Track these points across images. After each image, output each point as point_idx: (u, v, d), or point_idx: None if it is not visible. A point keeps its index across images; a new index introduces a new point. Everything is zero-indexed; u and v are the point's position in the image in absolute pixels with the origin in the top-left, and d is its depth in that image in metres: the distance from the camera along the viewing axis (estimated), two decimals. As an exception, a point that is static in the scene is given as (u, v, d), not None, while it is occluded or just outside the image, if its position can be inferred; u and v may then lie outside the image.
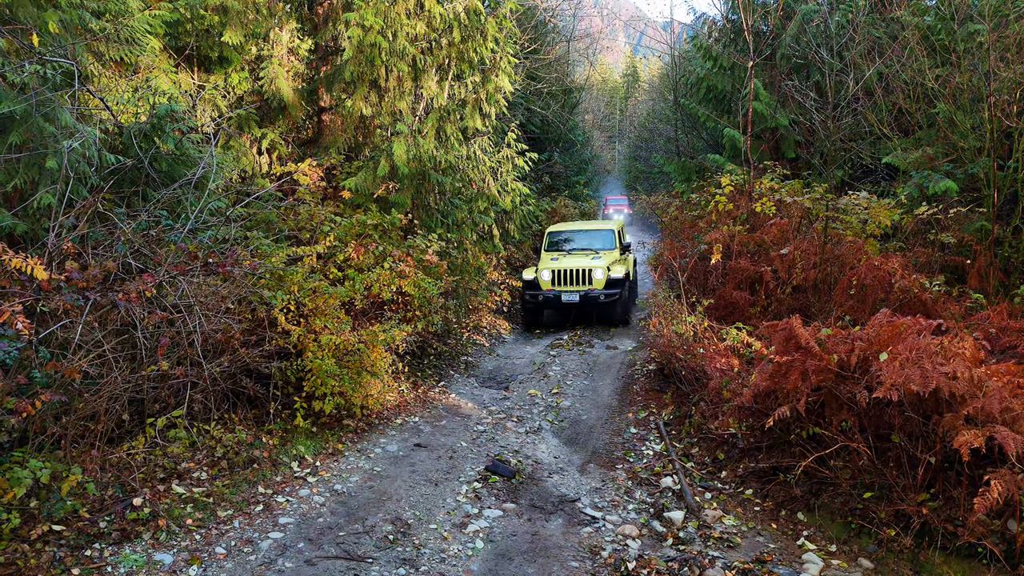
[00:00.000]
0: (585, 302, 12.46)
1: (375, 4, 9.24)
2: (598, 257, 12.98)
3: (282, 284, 6.92)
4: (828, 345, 5.57)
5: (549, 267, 12.69)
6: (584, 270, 12.53)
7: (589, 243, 13.92)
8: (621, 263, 13.23)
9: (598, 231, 14.23)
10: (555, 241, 14.23)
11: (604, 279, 12.45)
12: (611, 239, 13.95)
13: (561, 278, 12.63)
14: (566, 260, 12.98)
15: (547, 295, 12.60)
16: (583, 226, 14.75)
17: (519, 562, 4.95)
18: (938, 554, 4.84)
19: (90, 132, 5.69)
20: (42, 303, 4.77)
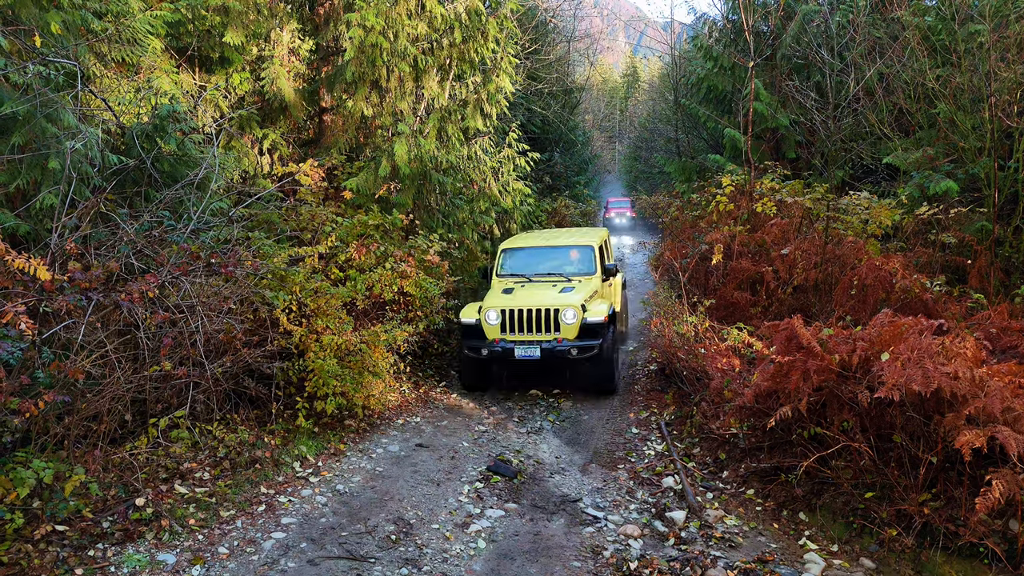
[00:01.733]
0: (549, 359, 8.37)
1: (376, 5, 9.25)
2: (569, 288, 8.93)
3: (284, 284, 6.93)
4: (829, 345, 5.58)
5: (497, 304, 8.57)
6: (547, 311, 8.41)
7: (558, 265, 9.71)
8: (602, 296, 9.43)
9: (571, 248, 9.93)
10: (511, 263, 9.87)
11: (577, 323, 8.33)
12: (589, 260, 9.66)
13: (514, 322, 8.48)
14: (523, 294, 8.86)
15: (493, 348, 8.44)
16: (551, 240, 10.31)
17: (521, 562, 4.95)
18: (940, 554, 4.85)
19: (92, 133, 5.69)
20: (45, 304, 4.78)
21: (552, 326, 8.38)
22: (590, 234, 10.55)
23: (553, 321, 8.37)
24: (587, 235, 10.46)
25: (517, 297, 8.72)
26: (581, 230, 11.56)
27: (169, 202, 6.32)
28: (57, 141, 5.51)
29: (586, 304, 8.57)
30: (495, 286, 9.45)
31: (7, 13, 5.76)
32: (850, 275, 8.15)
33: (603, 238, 10.51)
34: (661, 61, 37.12)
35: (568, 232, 11.22)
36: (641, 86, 52.13)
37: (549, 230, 12.52)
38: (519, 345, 8.39)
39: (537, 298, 8.63)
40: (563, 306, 8.37)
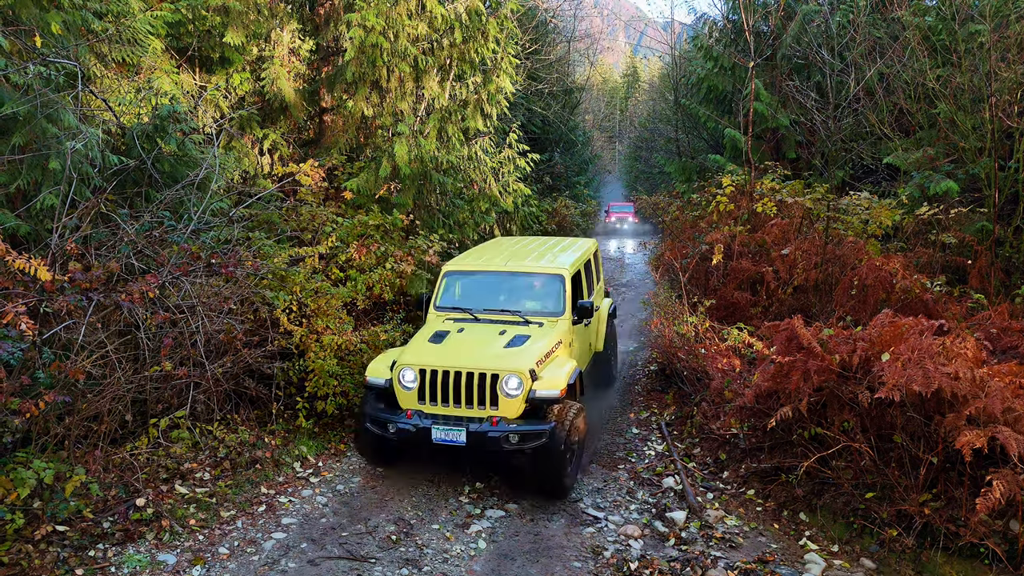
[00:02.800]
0: (479, 447, 5.79)
1: (377, 5, 9.26)
2: (523, 338, 6.35)
3: (284, 285, 6.93)
4: (830, 345, 5.58)
5: (416, 361, 6.00)
6: (482, 376, 5.83)
7: (516, 299, 7.07)
8: (569, 348, 6.80)
9: (535, 276, 7.19)
10: (454, 292, 7.29)
11: (521, 397, 5.79)
12: (556, 294, 6.99)
13: (436, 387, 5.92)
14: (456, 344, 6.32)
15: (403, 426, 5.85)
16: (511, 262, 7.39)
17: (521, 562, 4.95)
18: (940, 554, 4.85)
19: (93, 133, 5.70)
20: (46, 304, 4.78)
21: (488, 398, 5.76)
22: (567, 254, 7.79)
23: (490, 391, 5.75)
24: (562, 256, 7.64)
25: (447, 349, 6.14)
26: (558, 246, 8.37)
27: (169, 202, 6.32)
28: (58, 141, 5.51)
29: (539, 368, 5.96)
30: (428, 325, 6.81)
31: (7, 13, 5.76)
32: (850, 275, 8.15)
33: (583, 259, 7.84)
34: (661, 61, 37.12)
35: (540, 248, 8.09)
36: (641, 86, 52.12)
37: (520, 241, 8.85)
38: (439, 424, 5.76)
39: (472, 353, 6.04)
40: (504, 371, 5.74)
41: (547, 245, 8.43)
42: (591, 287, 8.16)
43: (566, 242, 8.89)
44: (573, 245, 8.51)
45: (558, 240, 9.09)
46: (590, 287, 8.07)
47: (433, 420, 5.83)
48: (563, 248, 8.29)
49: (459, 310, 6.93)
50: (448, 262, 7.52)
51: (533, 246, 8.32)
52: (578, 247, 8.32)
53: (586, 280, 7.85)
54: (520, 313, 6.79)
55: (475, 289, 7.21)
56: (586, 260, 8.03)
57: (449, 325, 6.69)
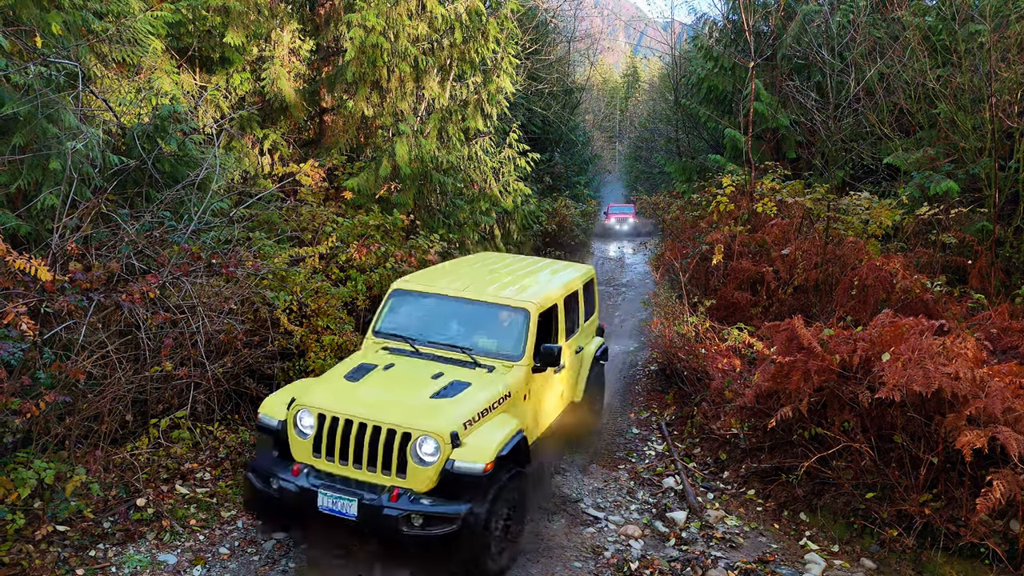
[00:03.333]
0: (372, 525, 4.51)
1: (377, 5, 9.26)
2: (460, 386, 5.08)
3: (284, 285, 6.93)
4: (830, 345, 5.58)
5: (319, 403, 4.83)
6: (390, 432, 4.62)
7: (468, 332, 5.80)
8: (518, 405, 5.42)
9: (496, 309, 5.82)
10: (399, 316, 5.99)
11: (435, 466, 4.56)
12: (517, 334, 5.67)
13: (335, 439, 4.74)
14: (376, 383, 5.13)
15: (286, 484, 4.65)
16: (472, 286, 6.07)
17: (522, 562, 4.96)
18: (940, 554, 4.85)
19: (93, 133, 5.70)
20: (46, 304, 4.78)
21: (395, 462, 4.54)
22: (543, 283, 6.40)
23: (398, 452, 4.53)
24: (535, 286, 6.21)
25: (361, 391, 4.94)
26: (539, 272, 6.86)
27: (170, 202, 6.32)
28: (58, 142, 5.51)
29: (467, 430, 4.66)
30: (357, 354, 5.73)
31: (8, 13, 5.76)
32: (851, 275, 8.16)
33: (565, 291, 6.43)
34: (661, 61, 37.11)
35: (516, 272, 6.65)
36: (641, 86, 52.14)
37: (498, 261, 7.32)
38: (330, 488, 4.52)
39: (389, 400, 4.84)
40: (419, 429, 4.51)
41: (527, 269, 6.91)
42: (575, 325, 6.71)
43: (554, 267, 7.33)
44: (560, 272, 7.02)
45: (545, 264, 7.47)
46: (572, 326, 6.64)
47: (325, 482, 4.56)
48: (545, 275, 6.83)
49: (400, 338, 5.66)
50: (399, 279, 6.24)
51: (509, 269, 6.80)
52: (564, 276, 6.88)
53: (567, 317, 6.41)
54: (470, 351, 5.47)
55: (424, 315, 5.90)
56: (571, 292, 6.60)
57: (380, 357, 5.46)
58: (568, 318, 6.49)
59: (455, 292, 5.92)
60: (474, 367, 5.36)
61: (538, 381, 5.71)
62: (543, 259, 7.80)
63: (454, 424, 4.62)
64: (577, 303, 6.84)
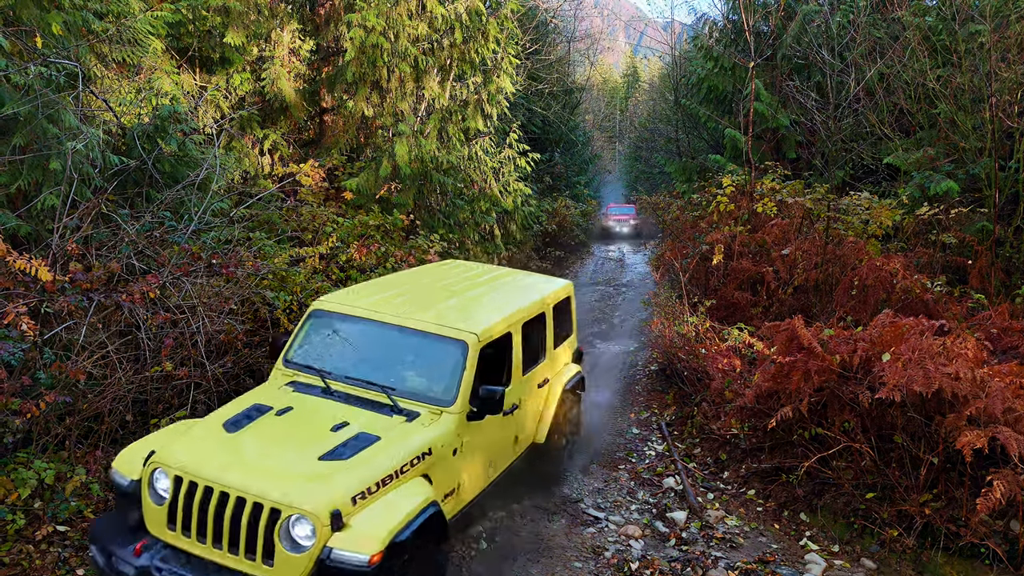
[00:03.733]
0: None
1: (377, 5, 9.26)
2: (363, 440, 4.05)
3: (285, 285, 6.93)
4: (830, 346, 5.59)
5: (183, 458, 3.78)
6: (256, 506, 3.54)
7: (394, 370, 4.73)
8: (440, 465, 4.30)
9: (426, 339, 4.75)
10: (316, 342, 5.04)
11: (310, 554, 3.47)
12: (450, 371, 4.61)
13: (191, 512, 3.65)
14: (258, 435, 4.10)
15: (123, 567, 3.64)
16: (403, 314, 4.92)
17: (522, 562, 4.96)
18: (940, 554, 4.86)
19: (93, 133, 5.70)
20: (46, 304, 4.79)
21: (261, 544, 3.56)
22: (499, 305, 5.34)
23: (264, 532, 3.55)
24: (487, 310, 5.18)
25: (236, 446, 3.97)
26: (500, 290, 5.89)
27: (170, 203, 6.32)
28: (58, 142, 5.51)
29: (358, 505, 3.67)
30: (256, 390, 4.73)
31: (8, 14, 5.77)
32: (851, 275, 8.16)
33: (526, 314, 5.40)
34: (661, 61, 37.13)
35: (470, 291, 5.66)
36: (641, 86, 52.14)
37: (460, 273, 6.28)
38: (175, 573, 3.61)
39: (264, 462, 3.84)
40: (290, 506, 3.53)
41: (487, 286, 5.88)
42: (539, 354, 5.66)
43: (522, 282, 6.24)
44: (527, 290, 5.95)
45: (513, 278, 6.33)
46: (536, 354, 5.60)
47: (172, 567, 3.60)
48: (505, 293, 5.78)
49: (312, 371, 4.69)
50: (321, 297, 5.25)
51: (466, 284, 5.80)
52: (530, 294, 5.78)
53: (528, 344, 5.37)
54: (393, 392, 4.44)
55: (347, 343, 4.88)
56: (535, 314, 5.55)
57: (280, 396, 4.47)
58: (529, 346, 5.42)
59: (383, 316, 4.83)
60: (392, 413, 4.30)
61: (477, 429, 4.62)
62: (516, 272, 6.63)
63: (338, 499, 3.54)
64: (544, 327, 5.76)
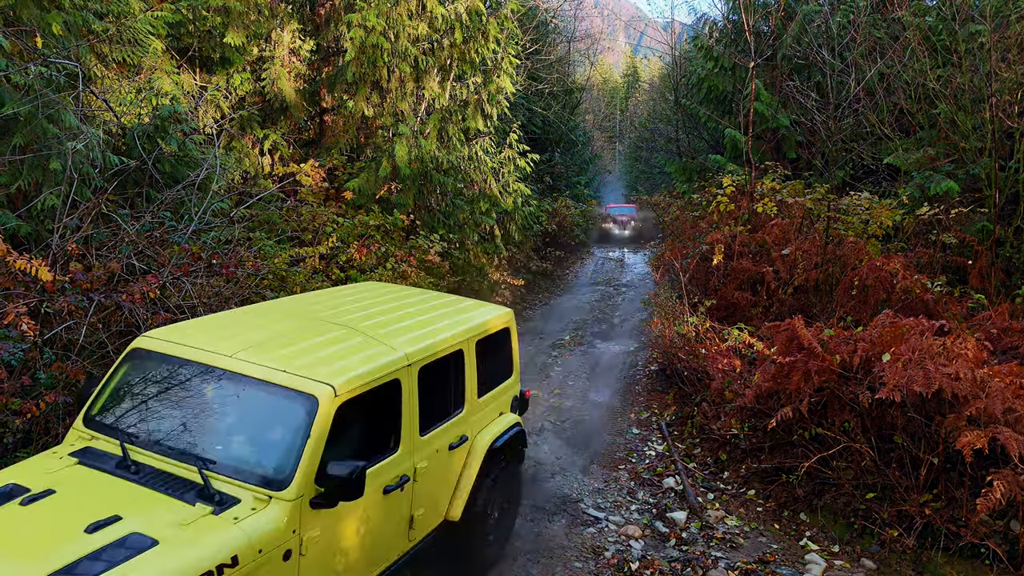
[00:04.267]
0: None
1: (377, 5, 9.26)
2: (126, 548, 2.73)
3: (285, 285, 6.93)
4: (830, 346, 5.59)
5: None
6: None
7: (219, 434, 3.48)
8: (273, 570, 3.05)
9: (264, 391, 3.40)
10: (129, 397, 3.69)
11: None
12: (290, 438, 3.28)
13: None
14: None
15: None
16: (242, 356, 3.56)
17: (522, 562, 4.96)
18: (941, 554, 4.86)
19: (93, 133, 5.70)
20: (46, 304, 4.78)
21: None
22: (385, 347, 3.93)
23: None
24: (369, 348, 3.89)
25: None
26: (408, 315, 4.57)
27: (170, 203, 6.32)
28: (58, 142, 5.51)
29: None
30: (44, 454, 3.59)
31: (8, 14, 5.77)
32: (851, 276, 8.16)
33: (425, 357, 4.06)
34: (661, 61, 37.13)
35: (365, 318, 4.38)
36: (641, 86, 52.15)
37: (353, 297, 4.98)
38: None
39: None
40: None
41: (390, 316, 4.43)
42: (451, 405, 4.36)
43: (443, 310, 4.78)
44: (442, 321, 4.51)
45: (433, 305, 4.86)
46: (445, 406, 4.29)
47: None
48: (412, 325, 4.33)
49: (114, 433, 3.51)
50: (146, 333, 3.91)
51: (360, 315, 4.38)
52: (443, 329, 4.37)
53: (430, 395, 4.06)
54: (211, 466, 3.24)
55: (171, 394, 3.65)
56: (447, 353, 4.23)
57: (51, 472, 3.29)
58: (434, 396, 4.14)
59: (214, 359, 3.58)
60: (197, 500, 3.07)
61: (333, 519, 3.35)
62: (442, 297, 5.22)
63: None
64: (462, 369, 4.42)
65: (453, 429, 4.35)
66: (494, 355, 4.90)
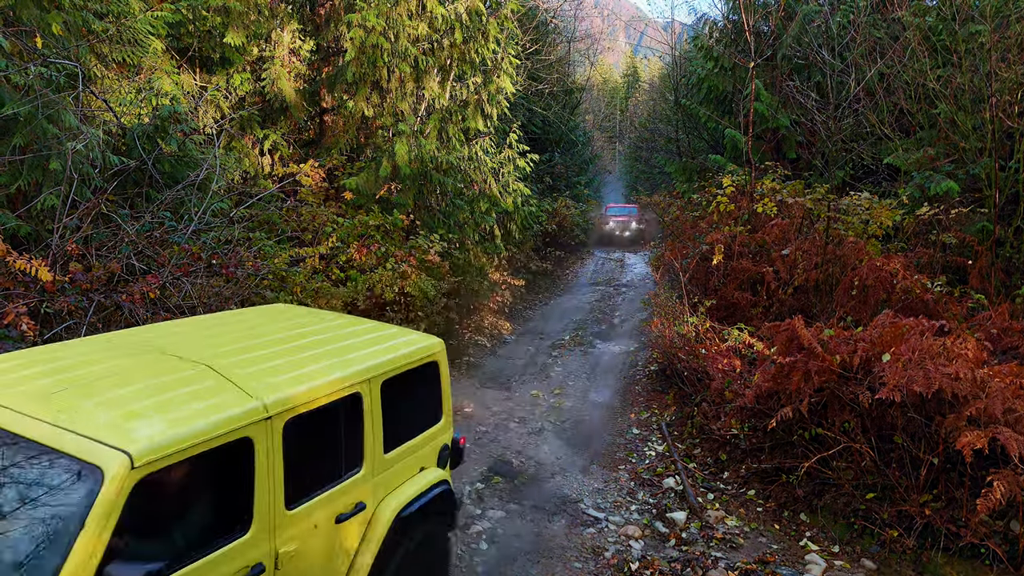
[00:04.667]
0: None
1: (377, 5, 9.26)
2: None
3: (285, 285, 6.93)
4: (830, 346, 5.59)
5: None
6: None
7: None
8: None
9: (38, 457, 2.46)
10: None
11: None
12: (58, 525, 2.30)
13: None
14: None
15: None
16: (26, 411, 2.58)
17: (523, 562, 4.96)
18: (940, 555, 4.85)
19: (93, 133, 5.70)
20: (46, 304, 4.78)
21: None
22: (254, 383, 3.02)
23: None
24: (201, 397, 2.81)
25: None
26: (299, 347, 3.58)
27: (170, 203, 6.32)
28: (58, 142, 5.51)
29: None
30: None
31: (8, 14, 5.77)
32: (851, 276, 8.16)
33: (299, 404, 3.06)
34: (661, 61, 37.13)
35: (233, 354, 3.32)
36: (641, 86, 52.15)
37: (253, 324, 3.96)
38: None
39: None
40: None
41: (272, 350, 3.48)
42: (334, 468, 3.38)
43: (341, 345, 3.73)
44: (340, 355, 3.56)
45: (332, 335, 3.87)
46: (321, 471, 3.33)
47: None
48: (294, 362, 3.37)
49: None
50: None
51: (232, 348, 3.43)
52: (341, 362, 3.48)
53: (304, 454, 3.16)
54: None
55: None
56: (332, 400, 3.27)
57: None
58: (314, 455, 3.29)
59: None
60: None
61: None
62: (357, 324, 4.17)
63: None
64: (359, 417, 3.45)
65: (343, 496, 3.35)
66: (413, 397, 3.93)
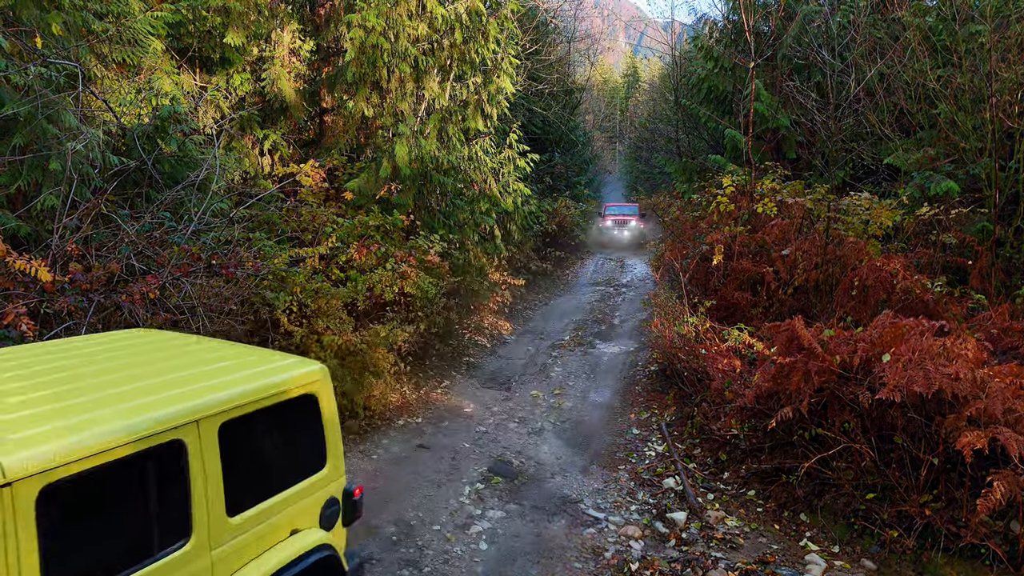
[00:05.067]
0: None
1: (377, 5, 9.26)
2: None
3: (285, 285, 6.93)
4: (830, 346, 5.58)
5: None
6: None
7: None
8: None
9: None
10: None
11: None
12: None
13: None
14: None
15: None
16: None
17: (522, 563, 4.96)
18: (941, 555, 4.85)
19: (93, 134, 5.70)
20: (46, 305, 4.78)
21: None
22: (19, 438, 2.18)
23: None
24: None
25: None
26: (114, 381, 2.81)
27: (170, 203, 6.32)
28: (58, 142, 5.51)
29: None
30: None
31: (8, 14, 5.76)
32: (851, 276, 8.15)
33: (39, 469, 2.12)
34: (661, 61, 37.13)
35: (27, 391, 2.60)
36: (641, 86, 52.14)
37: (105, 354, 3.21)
38: None
39: None
40: None
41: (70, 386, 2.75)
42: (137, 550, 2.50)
43: (188, 370, 3.09)
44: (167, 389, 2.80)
45: (179, 364, 3.19)
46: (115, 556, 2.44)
47: None
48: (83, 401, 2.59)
49: None
50: None
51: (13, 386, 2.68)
52: (159, 400, 2.69)
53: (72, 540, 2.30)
54: None
55: None
56: (133, 451, 2.43)
57: None
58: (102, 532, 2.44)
59: None
60: None
61: None
62: (218, 351, 3.48)
63: None
64: (183, 473, 2.69)
65: None
66: (279, 440, 3.21)
